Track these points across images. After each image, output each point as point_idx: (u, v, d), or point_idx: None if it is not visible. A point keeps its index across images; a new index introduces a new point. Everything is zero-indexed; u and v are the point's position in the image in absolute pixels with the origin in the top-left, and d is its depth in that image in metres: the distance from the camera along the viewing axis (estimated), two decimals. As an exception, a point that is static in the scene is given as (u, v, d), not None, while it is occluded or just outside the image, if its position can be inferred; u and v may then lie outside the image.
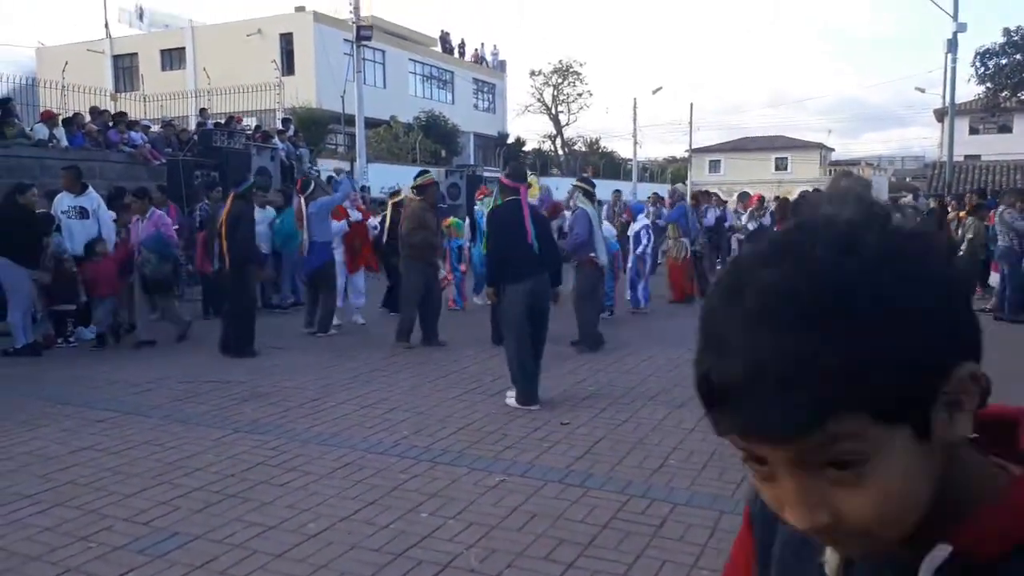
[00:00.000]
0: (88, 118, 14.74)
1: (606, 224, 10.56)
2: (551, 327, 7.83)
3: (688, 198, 15.03)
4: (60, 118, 13.95)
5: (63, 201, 8.89)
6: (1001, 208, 10.56)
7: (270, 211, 10.94)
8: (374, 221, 11.60)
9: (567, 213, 10.03)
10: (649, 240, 10.68)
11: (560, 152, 54.56)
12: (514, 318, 5.80)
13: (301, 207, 9.03)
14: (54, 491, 4.13)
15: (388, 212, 11.04)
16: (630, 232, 10.83)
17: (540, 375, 5.94)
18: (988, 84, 28.31)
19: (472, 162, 33.90)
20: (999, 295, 10.42)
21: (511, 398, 5.83)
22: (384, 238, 10.68)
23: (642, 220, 11.00)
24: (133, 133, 14.87)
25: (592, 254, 7.99)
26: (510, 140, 42.47)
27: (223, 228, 7.76)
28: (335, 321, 9.09)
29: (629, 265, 10.80)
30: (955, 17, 24.13)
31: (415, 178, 8.73)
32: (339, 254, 9.31)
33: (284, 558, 3.33)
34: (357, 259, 9.57)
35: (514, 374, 5.81)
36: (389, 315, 10.41)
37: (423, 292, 8.11)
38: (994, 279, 10.86)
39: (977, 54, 27.87)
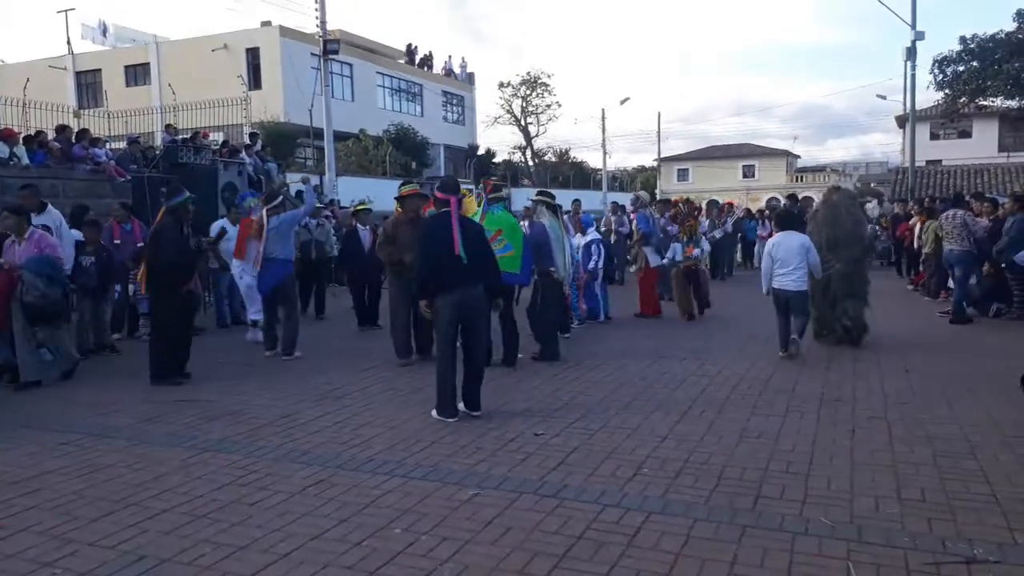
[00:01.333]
0: (51, 135, 14.48)
1: (577, 236, 10.52)
2: (521, 338, 7.93)
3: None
4: (21, 136, 13.69)
5: (22, 222, 8.72)
6: (960, 212, 10.71)
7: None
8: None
9: (524, 223, 9.88)
10: (599, 254, 10.44)
11: (530, 163, 54.79)
12: (439, 329, 5.76)
13: (263, 219, 8.57)
14: (17, 516, 4.03)
15: (351, 224, 10.91)
16: (579, 243, 10.42)
17: (482, 385, 5.90)
18: (947, 91, 28.98)
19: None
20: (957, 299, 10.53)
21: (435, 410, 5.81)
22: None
23: (592, 233, 10.77)
24: (97, 150, 14.65)
25: (552, 268, 8.00)
26: (480, 152, 42.55)
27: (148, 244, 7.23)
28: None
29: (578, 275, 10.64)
30: (913, 26, 24.69)
31: (400, 187, 8.25)
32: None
33: (255, 579, 3.28)
34: None
35: (437, 386, 5.77)
36: (362, 331, 10.35)
37: (411, 305, 7.61)
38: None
39: (935, 62, 28.56)
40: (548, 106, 54.85)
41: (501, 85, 55.19)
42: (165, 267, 7.22)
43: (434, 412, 5.79)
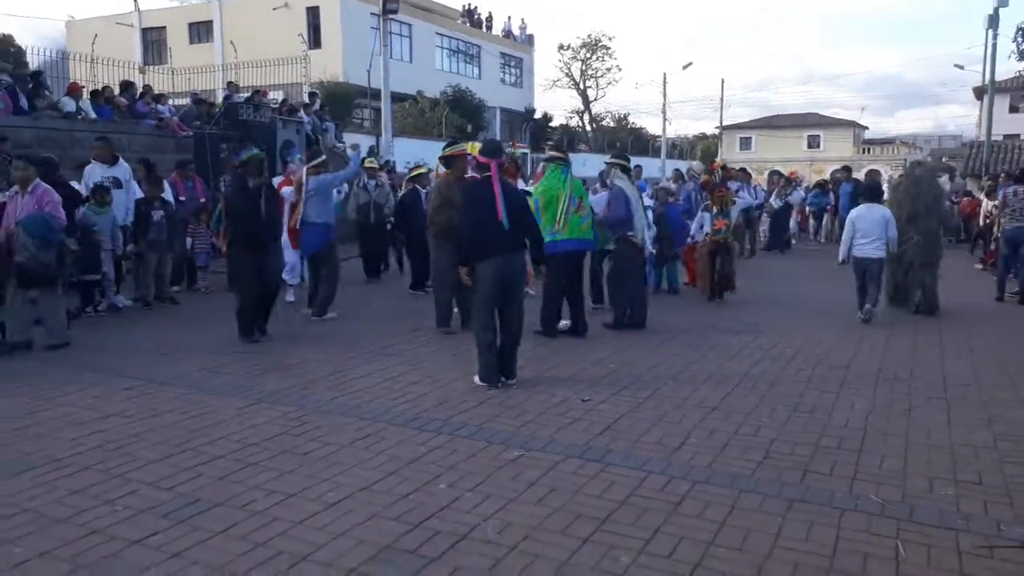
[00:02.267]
0: (117, 91, 14.86)
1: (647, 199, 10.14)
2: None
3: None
4: (87, 90, 14.07)
5: (95, 172, 9.00)
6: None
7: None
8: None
9: (600, 191, 9.53)
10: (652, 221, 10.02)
11: (588, 128, 54.13)
12: (480, 296, 5.68)
13: (302, 178, 8.30)
14: (82, 455, 4.22)
15: (403, 188, 10.76)
16: None
17: (517, 355, 5.83)
18: (1029, 61, 27.52)
19: (499, 137, 33.75)
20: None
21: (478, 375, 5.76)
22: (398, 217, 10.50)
23: (646, 201, 10.01)
24: (160, 106, 14.98)
25: (630, 232, 7.75)
26: (537, 115, 42.17)
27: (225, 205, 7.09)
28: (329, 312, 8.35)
29: None
30: (997, -9, 23.45)
31: (444, 148, 8.00)
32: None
33: (303, 525, 3.37)
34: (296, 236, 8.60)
35: (478, 350, 5.72)
36: (416, 294, 10.33)
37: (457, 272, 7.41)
38: None
39: (1020, 29, 27.15)
40: (608, 70, 53.87)
41: (561, 48, 54.45)
42: (234, 225, 7.11)
43: (476, 378, 5.75)
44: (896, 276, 9.15)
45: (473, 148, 7.65)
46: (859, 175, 25.60)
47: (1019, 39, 27.23)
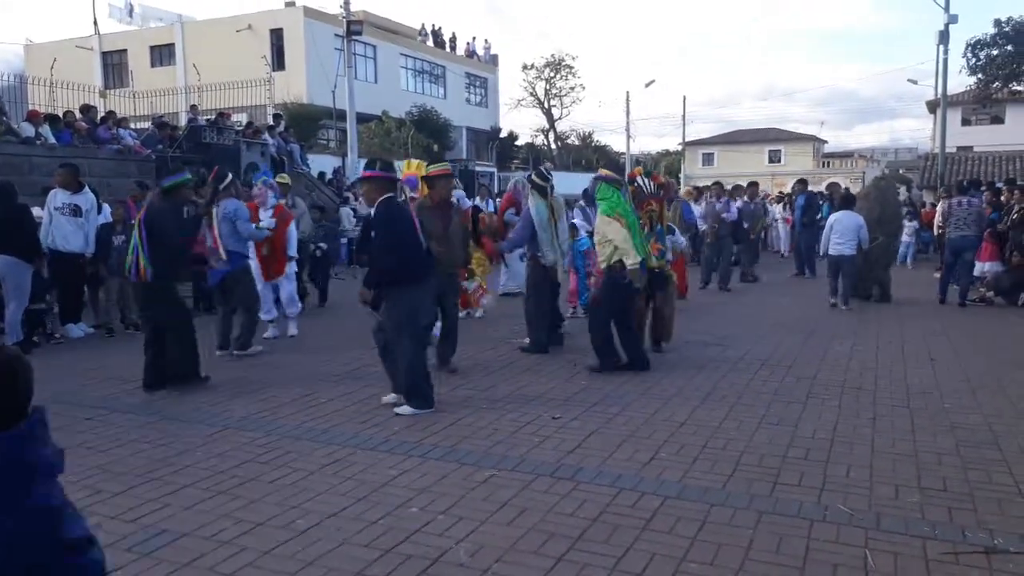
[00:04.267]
0: (78, 115, 14.66)
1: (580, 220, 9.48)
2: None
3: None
4: (45, 116, 13.86)
5: (57, 197, 8.82)
6: (976, 200, 11.13)
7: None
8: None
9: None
10: None
11: (553, 146, 54.55)
12: (416, 322, 5.46)
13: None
14: (42, 490, 4.10)
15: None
16: None
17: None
18: (980, 75, 28.37)
19: (465, 156, 33.88)
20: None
21: (402, 406, 5.52)
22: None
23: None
24: (122, 130, 14.81)
25: (538, 254, 7.51)
26: (503, 134, 42.40)
27: (139, 230, 6.08)
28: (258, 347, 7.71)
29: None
30: (947, 9, 24.20)
31: (428, 166, 7.24)
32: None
33: (272, 555, 3.32)
34: (271, 266, 8.34)
35: (411, 380, 5.48)
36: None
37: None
38: (979, 268, 10.96)
39: (968, 45, 27.94)
40: (572, 88, 54.46)
41: (525, 67, 54.99)
42: (167, 255, 6.23)
43: (405, 408, 5.47)
44: (860, 270, 10.72)
45: (420, 168, 7.55)
46: (820, 187, 26.14)
47: (969, 55, 28.05)
